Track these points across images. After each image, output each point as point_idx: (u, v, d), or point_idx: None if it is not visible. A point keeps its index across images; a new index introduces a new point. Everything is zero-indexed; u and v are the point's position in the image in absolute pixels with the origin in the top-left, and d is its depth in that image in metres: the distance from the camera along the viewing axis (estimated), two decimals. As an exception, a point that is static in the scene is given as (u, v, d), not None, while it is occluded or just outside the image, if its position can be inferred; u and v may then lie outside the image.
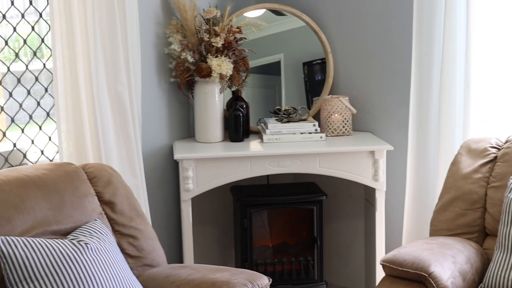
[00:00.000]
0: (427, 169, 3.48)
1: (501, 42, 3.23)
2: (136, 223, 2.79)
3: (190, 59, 3.52)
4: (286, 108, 3.77)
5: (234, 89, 3.74)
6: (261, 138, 3.66)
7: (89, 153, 3.03)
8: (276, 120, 3.71)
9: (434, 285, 2.56)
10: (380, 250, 3.55)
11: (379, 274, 3.29)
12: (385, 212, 3.55)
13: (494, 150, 3.05)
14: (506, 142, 3.06)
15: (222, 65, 3.50)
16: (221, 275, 2.57)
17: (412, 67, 3.46)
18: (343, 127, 3.72)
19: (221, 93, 3.62)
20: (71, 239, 2.41)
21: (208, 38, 3.53)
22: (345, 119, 3.72)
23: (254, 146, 3.60)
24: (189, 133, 3.81)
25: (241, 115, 3.64)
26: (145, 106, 3.43)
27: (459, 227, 2.99)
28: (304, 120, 3.71)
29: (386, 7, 3.70)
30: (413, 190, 3.52)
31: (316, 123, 3.67)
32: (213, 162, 3.41)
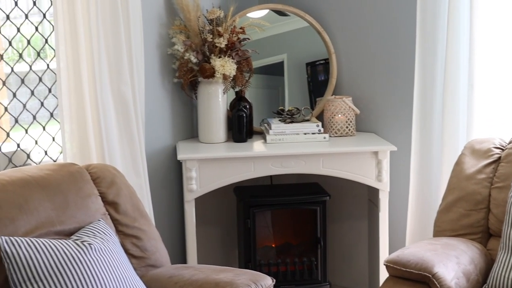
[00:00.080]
0: (430, 170, 3.47)
1: (504, 43, 3.23)
2: (140, 223, 2.79)
3: (193, 59, 3.52)
4: (290, 108, 3.76)
5: (237, 89, 3.73)
6: (265, 138, 3.66)
7: (92, 153, 3.03)
8: (280, 120, 3.70)
9: (438, 286, 2.56)
10: (383, 251, 3.55)
11: (383, 274, 3.28)
12: (389, 213, 3.55)
13: (498, 151, 3.05)
14: (510, 142, 3.05)
15: (226, 66, 3.50)
16: (224, 276, 2.57)
17: (415, 67, 3.45)
18: (347, 127, 3.72)
19: (224, 93, 3.62)
20: (74, 240, 2.41)
21: (211, 38, 3.53)
22: (348, 119, 3.72)
23: (258, 146, 3.60)
24: (192, 133, 3.81)
25: (244, 115, 3.64)
26: (148, 107, 3.43)
27: (462, 228, 2.99)
28: (308, 120, 3.71)
29: (390, 7, 3.69)
30: (417, 191, 3.52)
31: (320, 123, 3.66)
32: (217, 163, 3.41)
